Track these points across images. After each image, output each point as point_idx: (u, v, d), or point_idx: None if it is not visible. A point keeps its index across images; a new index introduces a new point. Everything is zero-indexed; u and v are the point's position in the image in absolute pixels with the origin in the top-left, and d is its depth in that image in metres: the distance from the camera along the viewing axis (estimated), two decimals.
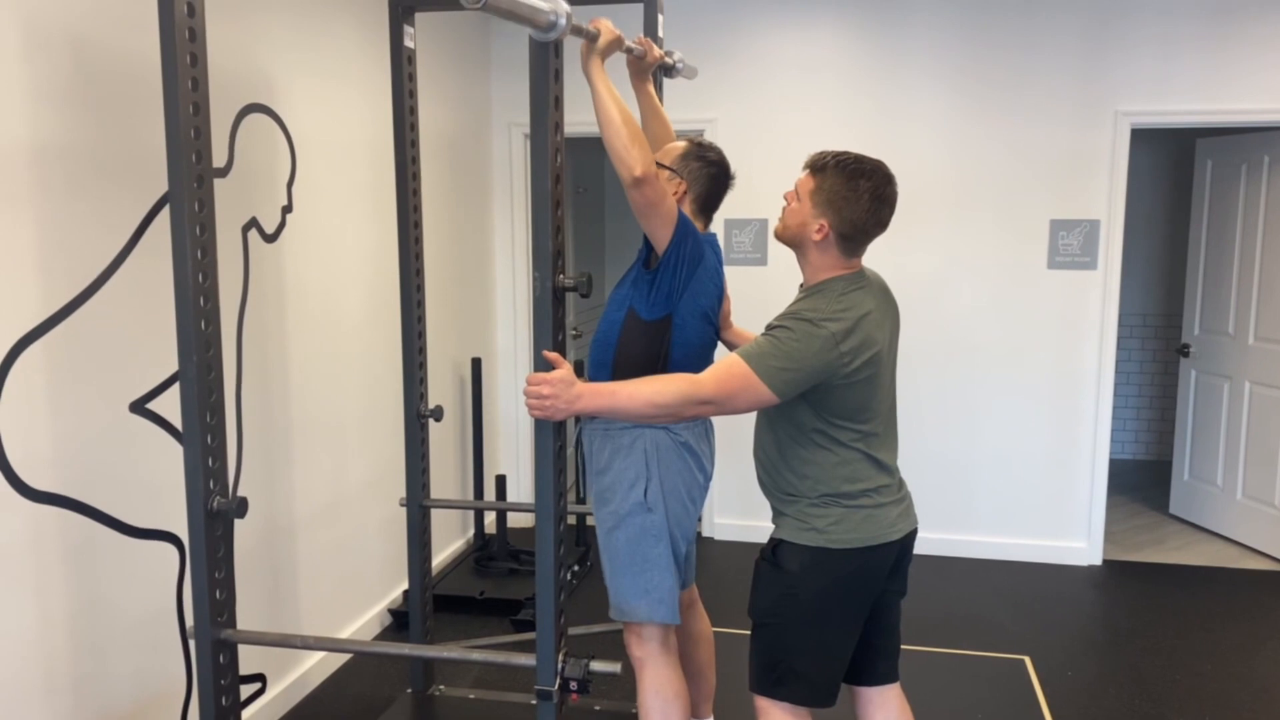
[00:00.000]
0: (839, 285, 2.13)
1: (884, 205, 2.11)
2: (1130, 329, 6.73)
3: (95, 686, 2.45)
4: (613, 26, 2.24)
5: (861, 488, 2.14)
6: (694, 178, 2.47)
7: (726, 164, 2.53)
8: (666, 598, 2.39)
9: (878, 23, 4.69)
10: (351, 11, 3.62)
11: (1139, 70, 4.50)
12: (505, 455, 5.39)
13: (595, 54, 2.22)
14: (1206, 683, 3.56)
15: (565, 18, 1.73)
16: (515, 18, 1.67)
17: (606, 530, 2.44)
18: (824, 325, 2.03)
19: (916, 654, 3.74)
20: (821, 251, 2.14)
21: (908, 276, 4.77)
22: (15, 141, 2.16)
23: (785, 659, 2.18)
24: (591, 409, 2.04)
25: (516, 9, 1.64)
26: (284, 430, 3.27)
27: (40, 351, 2.24)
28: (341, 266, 3.61)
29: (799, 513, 2.16)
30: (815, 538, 2.13)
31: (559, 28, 1.74)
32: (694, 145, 2.51)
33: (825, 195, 2.10)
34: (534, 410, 1.98)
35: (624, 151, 2.14)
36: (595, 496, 2.47)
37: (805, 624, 2.16)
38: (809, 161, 2.16)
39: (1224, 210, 5.08)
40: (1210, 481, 5.23)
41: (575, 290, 1.98)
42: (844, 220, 2.09)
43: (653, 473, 2.37)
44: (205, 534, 2.03)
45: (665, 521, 2.39)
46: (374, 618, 3.93)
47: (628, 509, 2.39)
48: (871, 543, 2.14)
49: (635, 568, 2.39)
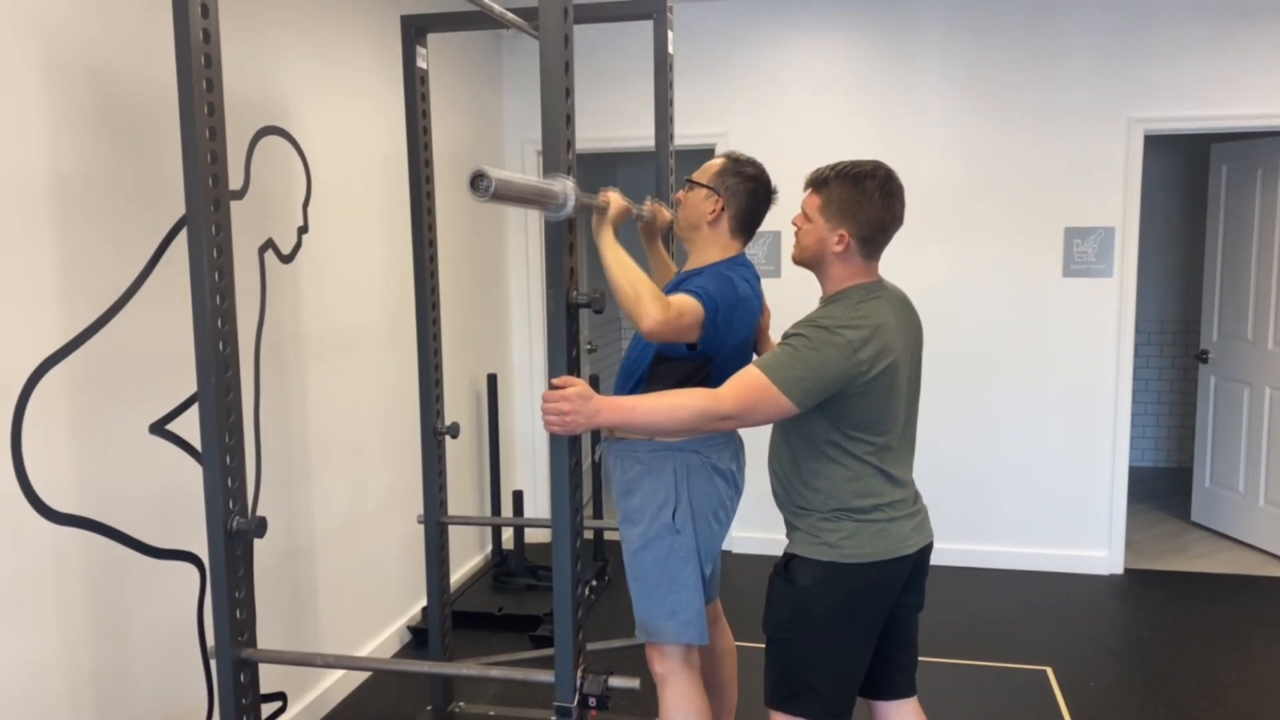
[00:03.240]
0: (856, 294, 2.14)
1: (894, 199, 2.13)
2: (1148, 336, 6.69)
3: (118, 706, 2.47)
4: (620, 197, 2.24)
5: (873, 502, 2.13)
6: (732, 194, 2.40)
7: (767, 178, 2.46)
8: (695, 619, 2.37)
9: (889, 33, 4.70)
10: (364, 33, 3.66)
11: (1152, 76, 4.49)
12: (522, 471, 5.39)
13: (605, 224, 2.22)
14: (1232, 693, 3.52)
15: (573, 196, 1.77)
16: (525, 203, 1.72)
17: (633, 551, 2.41)
18: (841, 333, 2.03)
19: (938, 666, 3.72)
20: (843, 262, 2.15)
21: (923, 286, 4.76)
22: (36, 169, 2.19)
23: (800, 674, 2.17)
24: (611, 422, 2.03)
25: (526, 194, 1.69)
26: (302, 449, 3.29)
27: (61, 375, 2.27)
28: (357, 286, 3.64)
29: (810, 527, 2.16)
30: (827, 552, 2.12)
31: (568, 206, 1.78)
32: (731, 161, 2.44)
33: (836, 206, 2.11)
34: (552, 426, 1.97)
35: (633, 308, 2.14)
36: (622, 516, 2.44)
37: (819, 639, 2.15)
38: (810, 180, 2.18)
39: (1240, 215, 5.05)
40: (1232, 488, 5.18)
41: (589, 306, 1.99)
42: (861, 224, 2.11)
43: (682, 494, 2.35)
44: (225, 554, 2.04)
45: (694, 543, 2.36)
46: (393, 634, 3.94)
47: (655, 530, 2.36)
48: (884, 557, 2.13)
49: (663, 589, 2.37)
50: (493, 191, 1.54)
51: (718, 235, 2.43)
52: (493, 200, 1.55)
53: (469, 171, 1.54)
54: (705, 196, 2.41)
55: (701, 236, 2.44)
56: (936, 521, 5.05)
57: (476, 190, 1.54)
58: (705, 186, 2.42)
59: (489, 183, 1.54)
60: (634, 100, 4.81)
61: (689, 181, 2.46)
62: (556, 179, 1.80)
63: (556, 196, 1.77)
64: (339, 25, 3.50)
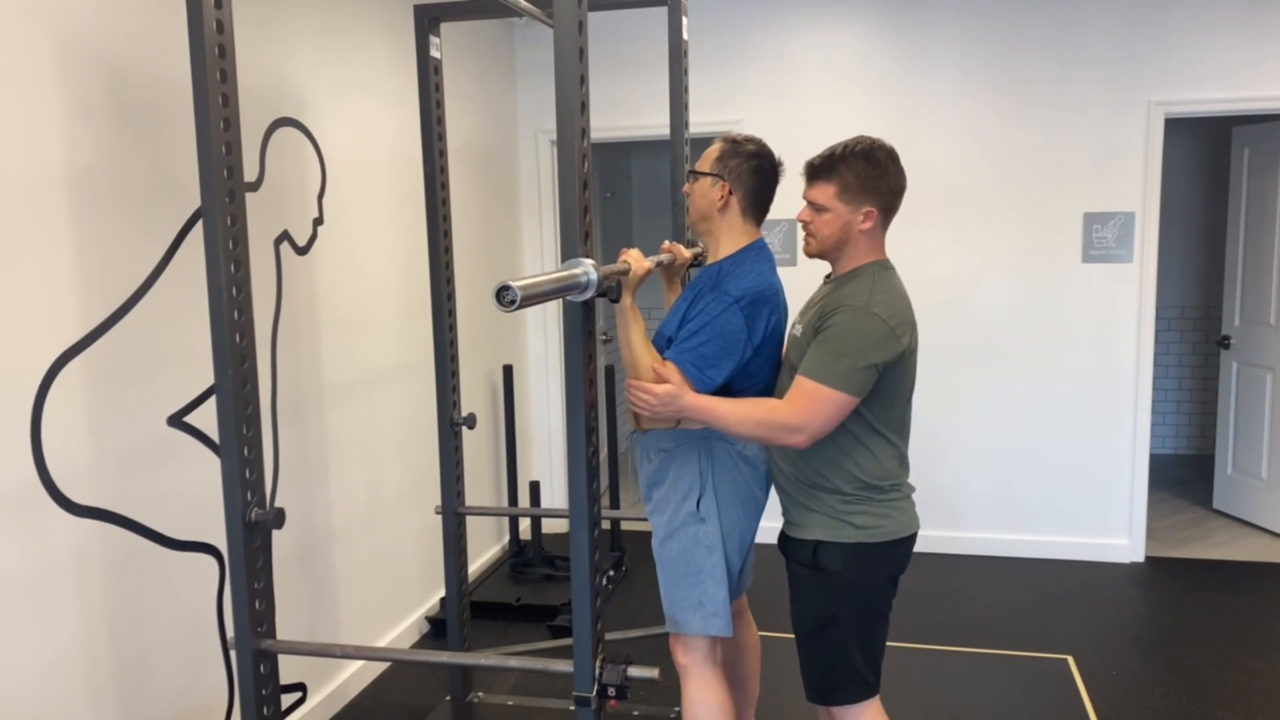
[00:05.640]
0: (874, 269, 2.17)
1: (897, 162, 2.18)
2: (1168, 321, 6.63)
3: (139, 697, 2.48)
4: (641, 256, 2.21)
5: (891, 483, 2.18)
6: (736, 176, 2.33)
7: (769, 153, 2.37)
8: (720, 610, 2.35)
9: (906, 16, 4.66)
10: (378, 23, 3.65)
11: (1172, 59, 4.43)
12: (539, 461, 5.40)
13: (628, 289, 2.19)
14: (1255, 680, 3.49)
15: (594, 275, 1.81)
16: (552, 296, 1.74)
17: (660, 540, 2.40)
18: (874, 310, 2.07)
19: (959, 655, 3.70)
20: (870, 237, 2.18)
21: (942, 273, 4.73)
22: (53, 163, 2.19)
23: (842, 662, 2.20)
24: (695, 419, 2.19)
25: (550, 291, 1.72)
26: (320, 441, 3.29)
27: (80, 367, 2.28)
28: (373, 276, 3.64)
29: (831, 509, 2.17)
30: (854, 534, 2.15)
31: (592, 285, 1.82)
32: (729, 143, 2.36)
33: (856, 185, 2.13)
34: (637, 407, 2.19)
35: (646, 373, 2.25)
36: (650, 507, 2.42)
37: (858, 622, 2.19)
38: (815, 171, 2.18)
39: (1262, 198, 4.98)
40: (1255, 475, 5.13)
41: (605, 296, 1.98)
42: (884, 195, 2.15)
43: (706, 482, 2.33)
44: (244, 545, 2.04)
45: (719, 532, 2.34)
46: (412, 625, 3.95)
47: (681, 519, 2.35)
48: (904, 534, 2.19)
49: (689, 579, 2.35)
50: (519, 302, 1.56)
51: (730, 221, 2.37)
52: (519, 308, 1.57)
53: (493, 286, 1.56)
54: (711, 184, 2.36)
55: (715, 225, 2.39)
56: (955, 510, 5.00)
57: (502, 303, 1.58)
58: (709, 174, 2.36)
59: (514, 294, 1.56)
60: (649, 88, 4.78)
61: (691, 172, 2.42)
62: (577, 264, 1.83)
63: (579, 279, 1.80)
64: (352, 16, 3.49)
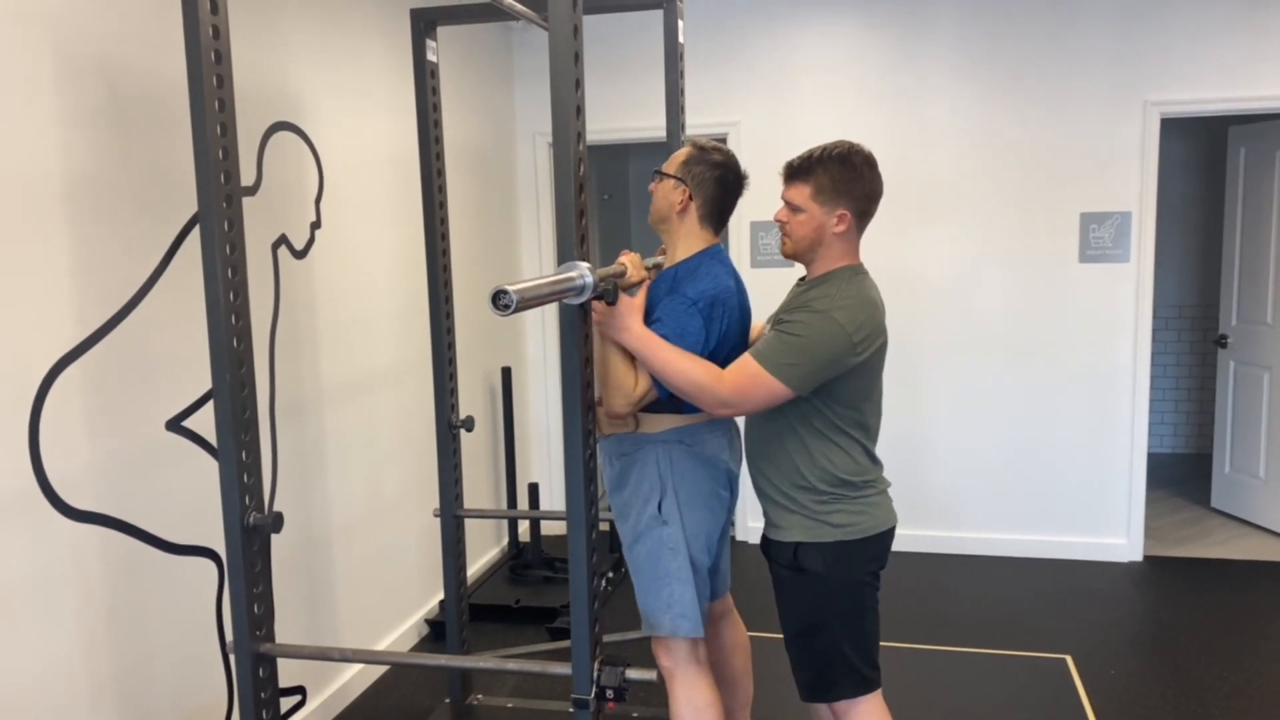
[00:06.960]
0: (845, 274, 2.18)
1: (876, 171, 2.19)
2: (1166, 321, 6.64)
3: (138, 702, 2.48)
4: (638, 261, 2.23)
5: (864, 479, 2.20)
6: (698, 182, 2.33)
7: (735, 163, 2.38)
8: (689, 611, 2.34)
9: (901, 18, 4.66)
10: (375, 27, 3.66)
11: (1168, 58, 4.44)
12: (537, 463, 5.40)
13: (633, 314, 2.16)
14: (1253, 679, 3.50)
15: (590, 277, 1.82)
16: (547, 300, 1.75)
17: (628, 545, 2.41)
18: (835, 316, 2.07)
19: (957, 654, 3.70)
20: (844, 241, 2.19)
21: (938, 273, 4.73)
22: (49, 168, 2.20)
23: (834, 660, 2.20)
24: (629, 347, 2.14)
25: (546, 295, 1.73)
26: (318, 444, 3.29)
27: (77, 373, 2.28)
28: (371, 280, 3.64)
29: (807, 510, 2.19)
30: (833, 533, 2.17)
31: (587, 291, 1.83)
32: (697, 150, 2.36)
33: (830, 187, 2.14)
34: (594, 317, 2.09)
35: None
36: (616, 512, 2.44)
37: (846, 619, 2.20)
38: (792, 172, 2.19)
39: (1259, 198, 4.99)
40: (1253, 474, 5.14)
41: (601, 298, 1.99)
42: (857, 198, 2.15)
43: (667, 485, 2.32)
44: (242, 549, 2.05)
45: (682, 534, 2.33)
46: (411, 628, 3.95)
47: (645, 523, 2.35)
48: (882, 529, 2.21)
49: (657, 582, 2.36)
50: (514, 306, 1.57)
51: (688, 226, 2.37)
52: (515, 312, 1.58)
53: (489, 290, 1.57)
54: (673, 187, 2.36)
55: (673, 228, 2.39)
56: (953, 510, 5.01)
57: (498, 307, 1.59)
58: (672, 176, 2.36)
59: (510, 299, 1.57)
60: (645, 90, 4.79)
61: (656, 172, 2.42)
62: (572, 268, 1.83)
63: (574, 282, 1.80)
64: (349, 19, 3.49)
